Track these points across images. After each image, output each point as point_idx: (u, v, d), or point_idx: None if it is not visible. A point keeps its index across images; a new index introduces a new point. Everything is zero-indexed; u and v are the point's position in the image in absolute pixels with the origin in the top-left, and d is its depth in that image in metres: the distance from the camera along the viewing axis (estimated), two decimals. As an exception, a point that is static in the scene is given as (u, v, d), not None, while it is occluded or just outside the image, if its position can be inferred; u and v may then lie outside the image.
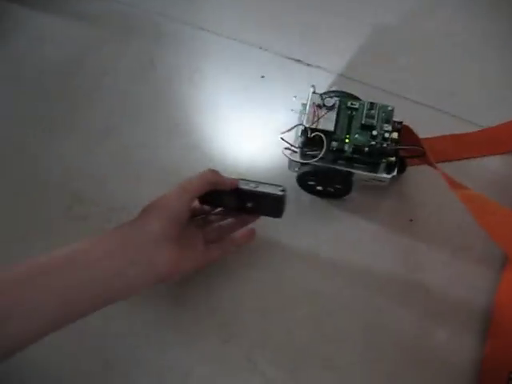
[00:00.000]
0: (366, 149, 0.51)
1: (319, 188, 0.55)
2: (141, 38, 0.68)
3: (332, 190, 0.55)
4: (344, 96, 0.55)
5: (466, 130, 0.60)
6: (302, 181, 0.55)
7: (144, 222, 0.38)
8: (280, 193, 0.46)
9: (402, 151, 0.56)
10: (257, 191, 0.46)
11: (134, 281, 0.37)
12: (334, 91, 0.57)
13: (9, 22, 0.70)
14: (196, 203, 0.46)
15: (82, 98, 0.64)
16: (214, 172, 0.45)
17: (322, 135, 0.50)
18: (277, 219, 0.49)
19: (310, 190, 0.56)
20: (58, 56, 0.67)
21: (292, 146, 0.53)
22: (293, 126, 0.52)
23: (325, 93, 0.55)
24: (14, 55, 0.68)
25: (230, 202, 0.47)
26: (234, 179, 0.46)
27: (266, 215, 0.49)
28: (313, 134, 0.51)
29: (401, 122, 0.56)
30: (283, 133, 0.52)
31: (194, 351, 0.50)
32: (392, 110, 0.54)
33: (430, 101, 0.63)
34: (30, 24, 0.70)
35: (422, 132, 0.54)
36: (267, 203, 0.47)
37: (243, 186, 0.46)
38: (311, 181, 0.55)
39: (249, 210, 0.47)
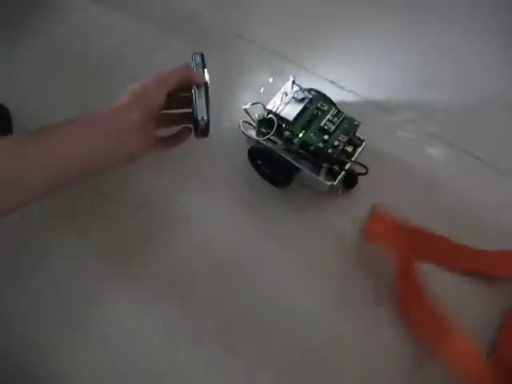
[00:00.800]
0: (312, 148, 0.54)
1: (263, 167, 0.59)
2: (182, 36, 0.70)
3: (272, 175, 0.58)
4: (320, 97, 0.58)
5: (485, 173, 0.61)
6: (252, 155, 0.58)
7: (127, 110, 0.42)
8: (199, 119, 0.46)
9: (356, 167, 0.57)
10: (193, 101, 0.46)
11: (111, 160, 0.42)
12: (314, 90, 0.59)
13: (56, 3, 0.73)
14: None
15: (115, 91, 0.66)
16: (188, 67, 0.48)
17: (274, 118, 0.54)
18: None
19: (256, 165, 0.59)
20: (99, 44, 0.69)
21: (252, 119, 0.56)
22: (256, 102, 0.55)
23: (304, 88, 0.58)
24: (56, 38, 0.70)
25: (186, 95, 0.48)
26: (202, 78, 0.48)
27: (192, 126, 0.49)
28: (268, 116, 0.54)
29: (362, 140, 0.58)
30: (246, 105, 0.56)
31: (195, 354, 0.51)
32: (357, 125, 0.56)
33: (455, 139, 0.63)
34: (77, 8, 0.73)
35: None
36: (192, 117, 0.47)
37: (200, 90, 0.47)
38: (259, 159, 0.58)
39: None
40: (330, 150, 0.54)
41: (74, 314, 0.52)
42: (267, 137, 0.54)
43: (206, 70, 0.49)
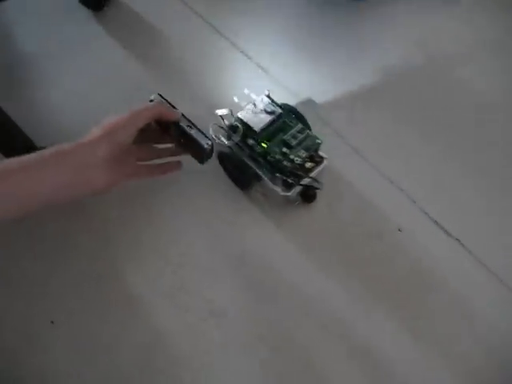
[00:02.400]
0: (269, 158, 0.58)
1: (229, 170, 0.63)
2: None
3: (236, 177, 0.63)
4: (290, 112, 0.62)
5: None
6: (221, 157, 0.63)
7: (95, 146, 0.43)
8: (205, 145, 0.49)
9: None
10: (188, 133, 0.49)
11: (74, 194, 0.43)
12: (286, 104, 0.63)
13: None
14: None
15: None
16: (162, 105, 0.48)
17: (239, 125, 0.58)
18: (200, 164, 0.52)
19: (224, 167, 0.64)
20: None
21: (224, 123, 0.61)
22: (228, 108, 0.60)
23: (278, 103, 0.62)
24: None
25: (168, 129, 0.50)
26: (176, 113, 0.49)
27: (192, 156, 0.52)
28: (235, 123, 0.59)
29: (323, 158, 0.61)
30: (220, 111, 0.61)
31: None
32: (319, 144, 0.60)
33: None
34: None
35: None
36: (194, 147, 0.50)
37: (182, 122, 0.50)
38: (227, 162, 0.62)
39: (180, 144, 0.51)
40: (285, 163, 0.58)
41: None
42: (232, 141, 0.58)
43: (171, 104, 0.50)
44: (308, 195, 0.62)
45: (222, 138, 0.62)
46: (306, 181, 0.59)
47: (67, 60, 0.79)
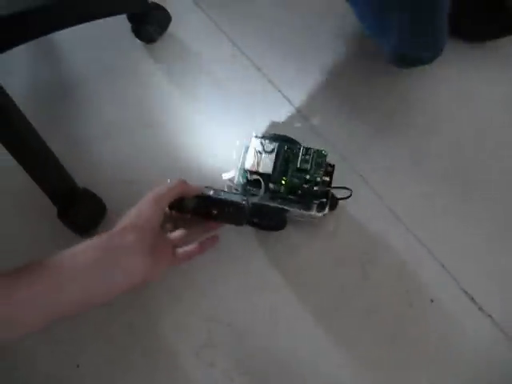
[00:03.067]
0: (299, 191, 0.58)
1: (255, 220, 0.61)
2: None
3: (268, 225, 0.62)
4: (283, 140, 0.62)
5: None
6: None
7: (122, 235, 0.41)
8: (242, 202, 0.48)
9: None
10: (220, 198, 0.48)
11: (111, 289, 0.41)
12: (274, 134, 0.63)
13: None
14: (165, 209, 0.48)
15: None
16: (183, 182, 0.47)
17: (261, 179, 0.57)
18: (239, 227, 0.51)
19: (251, 223, 0.62)
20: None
21: (236, 186, 0.59)
22: (237, 168, 0.58)
23: (264, 136, 0.61)
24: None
25: (196, 208, 0.49)
26: (199, 187, 0.49)
27: (229, 223, 0.50)
28: (254, 178, 0.57)
29: (333, 166, 0.63)
30: (227, 175, 0.58)
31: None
32: (326, 155, 0.61)
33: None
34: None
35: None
36: (229, 211, 0.48)
37: (208, 192, 0.49)
38: (252, 217, 0.60)
39: (213, 216, 0.49)
40: (315, 188, 0.58)
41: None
42: (259, 197, 0.57)
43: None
44: (333, 204, 0.64)
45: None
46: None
47: (111, 89, 0.76)
